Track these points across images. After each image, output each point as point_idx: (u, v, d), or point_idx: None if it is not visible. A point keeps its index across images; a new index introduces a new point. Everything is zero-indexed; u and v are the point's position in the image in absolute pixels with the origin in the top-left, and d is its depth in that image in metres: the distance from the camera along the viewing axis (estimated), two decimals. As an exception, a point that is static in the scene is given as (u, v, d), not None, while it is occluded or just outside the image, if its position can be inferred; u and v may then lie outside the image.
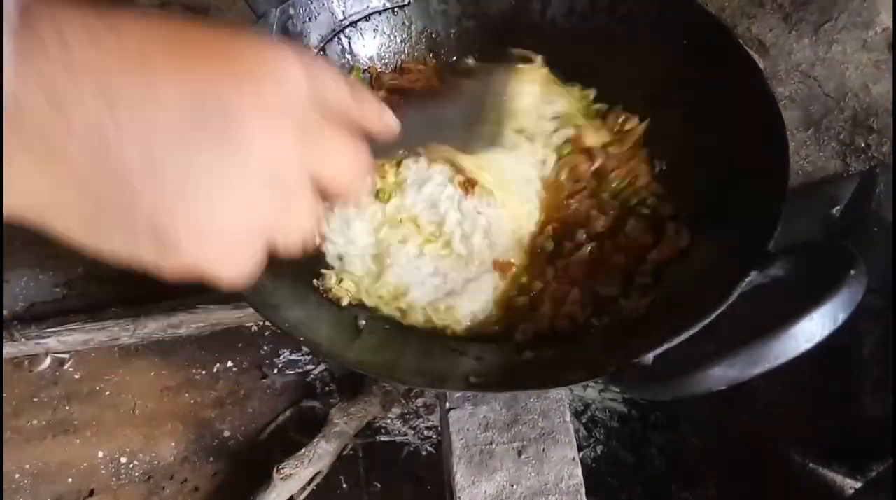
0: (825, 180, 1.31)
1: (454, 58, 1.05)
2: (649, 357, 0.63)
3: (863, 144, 1.32)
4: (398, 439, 0.98)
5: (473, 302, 0.80)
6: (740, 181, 0.80)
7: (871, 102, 1.34)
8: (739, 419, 1.02)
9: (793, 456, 0.97)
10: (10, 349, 1.02)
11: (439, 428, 0.97)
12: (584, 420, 1.02)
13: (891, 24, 1.36)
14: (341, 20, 0.98)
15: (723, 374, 0.53)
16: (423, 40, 1.04)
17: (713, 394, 0.55)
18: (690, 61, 0.91)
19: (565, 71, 1.02)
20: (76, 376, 1.05)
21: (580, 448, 0.99)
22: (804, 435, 0.98)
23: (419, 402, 0.99)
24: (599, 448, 1.00)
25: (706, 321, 0.64)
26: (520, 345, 0.77)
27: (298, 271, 0.82)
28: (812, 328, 0.52)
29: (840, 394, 0.93)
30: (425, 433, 0.98)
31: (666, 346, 0.64)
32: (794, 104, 1.38)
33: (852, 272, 0.55)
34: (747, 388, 0.59)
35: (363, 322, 0.79)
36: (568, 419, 0.80)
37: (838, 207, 1.24)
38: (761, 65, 1.34)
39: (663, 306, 0.75)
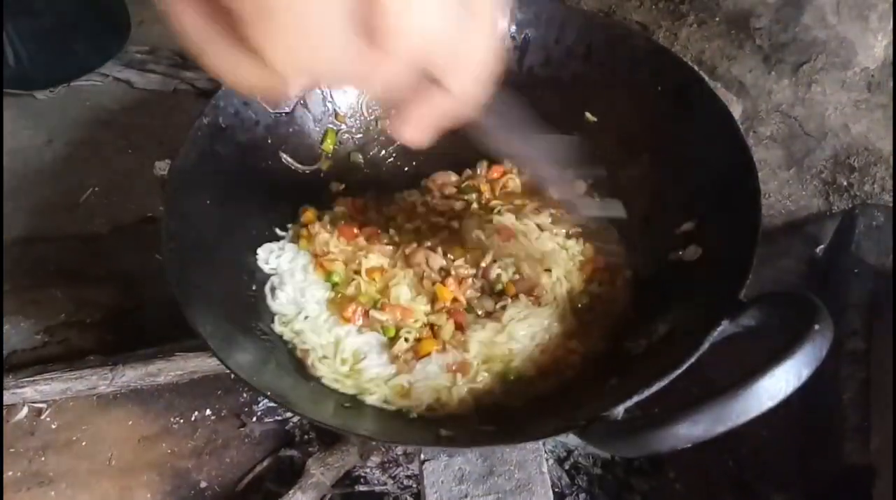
0: (808, 219, 1.32)
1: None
2: (619, 410, 0.63)
3: (845, 183, 1.33)
4: (377, 488, 0.96)
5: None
6: (713, 229, 0.80)
7: (852, 141, 1.35)
8: (724, 464, 1.00)
9: (778, 503, 0.95)
10: (-14, 400, 1.01)
11: (418, 478, 0.95)
12: (566, 467, 1.00)
13: (868, 65, 1.37)
14: (320, 70, 1.00)
15: (688, 432, 0.53)
16: (403, 88, 1.05)
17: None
18: (665, 108, 0.92)
19: (541, 119, 1.03)
20: (53, 426, 1.03)
21: (562, 497, 0.97)
22: (789, 480, 0.96)
23: (399, 450, 0.97)
24: (582, 496, 0.98)
25: (676, 373, 0.64)
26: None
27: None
28: (775, 386, 0.52)
29: (822, 440, 0.92)
30: (405, 482, 0.97)
31: (636, 398, 0.63)
32: (775, 144, 1.39)
33: (816, 327, 0.54)
34: (732, 433, 0.58)
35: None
36: (545, 469, 0.79)
37: (821, 246, 1.24)
38: (741, 106, 1.36)
39: (636, 357, 0.74)
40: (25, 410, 1.05)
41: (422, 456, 0.80)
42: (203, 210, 0.85)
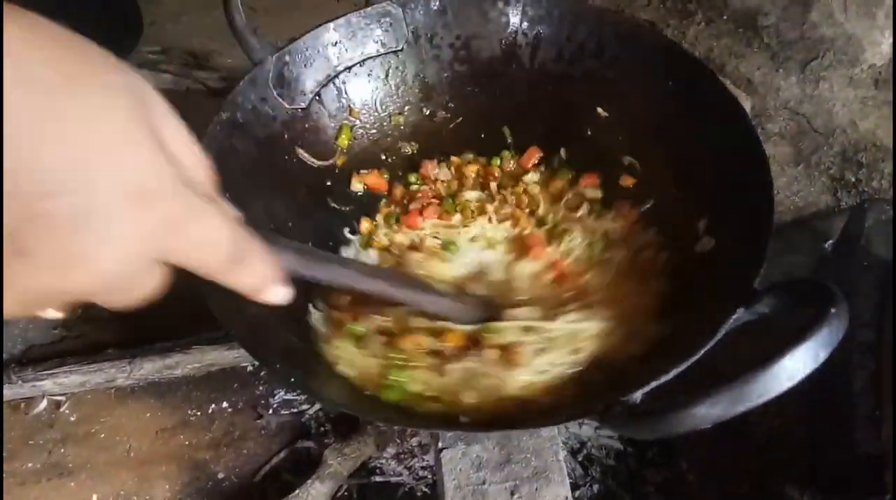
0: (817, 215, 1.33)
1: (448, 101, 1.08)
2: (637, 396, 0.64)
3: (853, 179, 1.34)
4: (393, 479, 0.97)
5: None
6: (726, 221, 0.81)
7: (860, 137, 1.36)
8: (736, 455, 1.01)
9: (790, 492, 0.96)
10: (6, 392, 1.02)
11: (434, 468, 0.96)
12: (579, 458, 1.01)
13: (876, 62, 1.39)
14: (336, 66, 1.01)
15: (707, 412, 0.53)
16: (416, 84, 1.06)
17: (709, 430, 0.55)
18: (676, 103, 0.93)
19: (554, 114, 1.04)
20: (72, 419, 1.05)
21: (576, 487, 0.98)
22: (802, 470, 0.97)
23: (414, 441, 0.98)
24: (595, 487, 0.99)
25: (694, 359, 0.65)
26: None
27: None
28: (794, 367, 0.52)
29: (834, 430, 0.93)
30: (420, 472, 0.98)
31: (654, 384, 0.64)
32: (783, 140, 1.40)
33: (833, 310, 0.55)
34: (744, 423, 0.59)
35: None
36: (561, 457, 0.80)
37: (830, 242, 1.25)
38: (749, 103, 1.37)
39: (652, 344, 0.75)
40: (45, 402, 1.06)
41: (439, 444, 0.81)
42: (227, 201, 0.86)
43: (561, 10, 1.02)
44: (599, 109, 1.02)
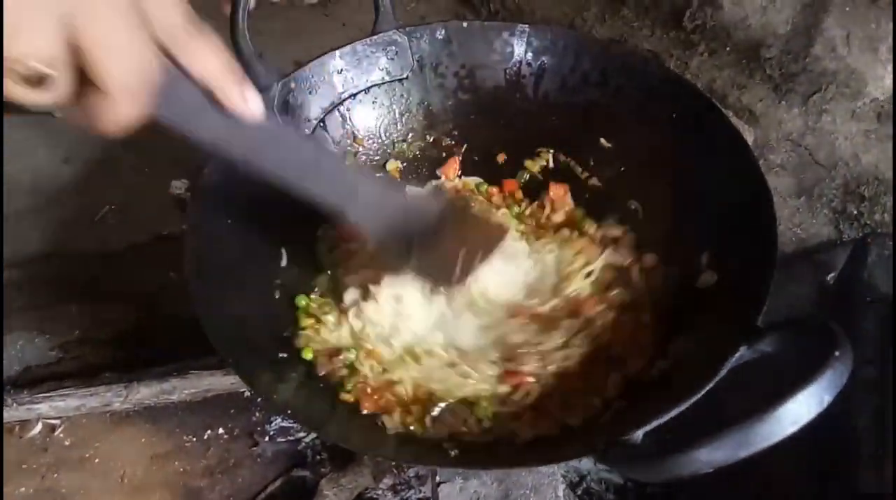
0: (819, 248, 1.32)
1: (452, 129, 1.08)
2: (639, 434, 0.63)
3: (855, 212, 1.34)
4: (389, 511, 0.96)
5: None
6: (729, 255, 0.81)
7: (862, 170, 1.37)
8: (739, 492, 1.00)
9: (793, 531, 0.95)
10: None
11: (431, 500, 0.95)
12: (578, 492, 0.99)
13: (878, 96, 1.39)
14: (341, 93, 1.02)
15: (709, 457, 0.53)
16: (421, 112, 1.07)
17: (711, 468, 0.55)
18: (679, 135, 0.94)
19: (557, 144, 1.05)
20: (66, 443, 1.04)
21: (575, 522, 0.97)
22: (805, 509, 0.96)
23: (411, 472, 0.97)
24: (595, 522, 0.98)
25: (695, 398, 0.65)
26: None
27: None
28: (798, 411, 0.52)
29: (837, 469, 0.91)
30: (417, 505, 0.97)
31: (655, 423, 0.63)
32: (785, 172, 1.40)
33: (837, 353, 0.55)
34: (746, 460, 0.59)
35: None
36: (560, 493, 0.79)
37: (832, 275, 1.24)
38: (752, 134, 1.38)
39: (654, 383, 0.75)
40: (39, 426, 1.05)
41: (437, 479, 0.80)
42: (225, 228, 0.86)
43: (565, 41, 1.03)
44: (602, 140, 1.02)
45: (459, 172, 1.07)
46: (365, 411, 0.79)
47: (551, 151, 1.05)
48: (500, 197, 1.05)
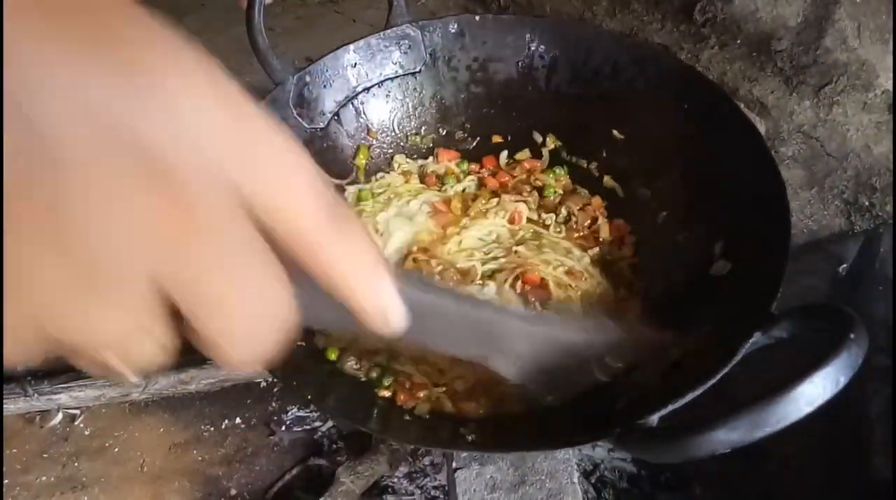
0: (831, 239, 1.33)
1: (465, 122, 1.09)
2: (654, 419, 0.64)
3: (866, 203, 1.34)
4: (405, 498, 0.97)
5: None
6: (742, 244, 0.82)
7: (874, 162, 1.36)
8: (751, 479, 1.00)
9: (806, 519, 0.95)
10: (22, 405, 1.03)
11: (446, 488, 0.96)
12: (592, 481, 1.00)
13: (889, 87, 1.39)
14: (355, 87, 1.03)
15: (726, 437, 0.53)
16: (434, 105, 1.08)
17: (724, 454, 0.55)
18: (691, 127, 0.94)
19: (569, 135, 1.05)
20: (86, 433, 1.05)
21: (589, 510, 0.98)
22: (817, 496, 0.96)
23: (426, 460, 0.98)
24: (609, 510, 0.99)
25: (711, 383, 0.65)
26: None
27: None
28: (813, 392, 0.53)
29: (849, 456, 0.92)
30: (432, 492, 0.98)
31: (671, 407, 0.64)
32: (797, 164, 1.40)
33: (852, 336, 0.55)
34: (759, 448, 0.59)
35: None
36: (576, 479, 0.80)
37: (844, 266, 1.24)
38: (763, 126, 1.38)
39: (669, 368, 0.75)
40: (60, 416, 1.07)
41: (453, 465, 0.81)
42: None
43: (577, 34, 1.03)
44: (615, 132, 1.02)
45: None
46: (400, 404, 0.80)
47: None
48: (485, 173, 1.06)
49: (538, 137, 1.07)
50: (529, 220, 0.99)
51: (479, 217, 0.97)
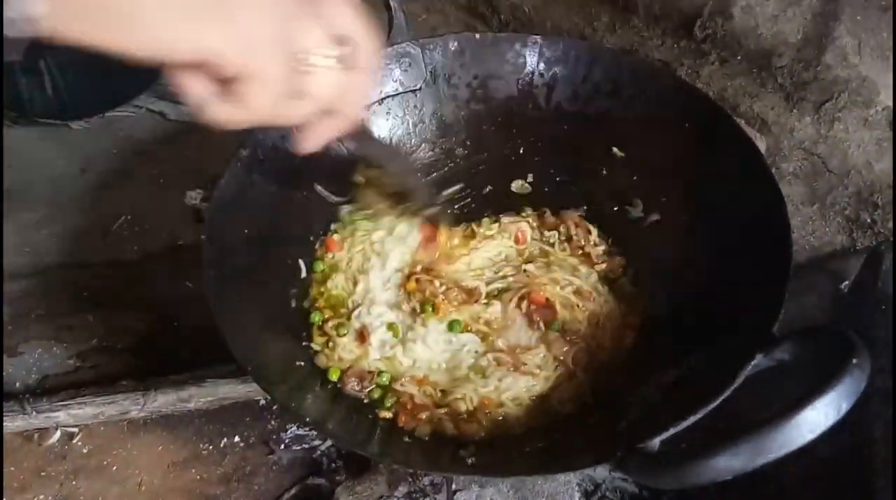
0: (832, 256, 1.32)
1: (465, 139, 1.09)
2: (656, 443, 0.63)
3: (868, 220, 1.33)
4: (404, 519, 0.96)
5: None
6: (743, 264, 0.81)
7: (875, 178, 1.36)
8: (753, 501, 1.00)
9: (809, 541, 0.94)
10: (20, 423, 1.03)
11: (446, 508, 0.95)
12: (593, 501, 1.00)
13: (890, 104, 1.39)
14: (355, 104, 1.02)
15: (727, 464, 0.53)
16: (434, 122, 1.08)
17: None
18: (692, 144, 0.94)
19: (569, 153, 1.05)
20: (84, 451, 1.05)
21: (590, 531, 0.97)
22: (819, 519, 0.95)
23: (426, 480, 0.97)
24: (610, 530, 0.98)
25: (712, 406, 0.65)
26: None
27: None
28: (816, 418, 0.52)
29: (850, 478, 0.91)
30: (432, 512, 0.97)
31: (672, 430, 0.64)
32: (798, 180, 1.40)
33: (854, 361, 0.55)
34: (760, 470, 0.59)
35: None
36: (576, 502, 0.79)
37: (846, 283, 1.24)
38: (764, 142, 1.38)
39: (671, 390, 0.75)
40: (58, 434, 1.06)
41: (453, 486, 0.80)
42: (241, 239, 0.87)
43: (577, 51, 1.03)
44: (615, 149, 1.03)
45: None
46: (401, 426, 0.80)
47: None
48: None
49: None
50: (534, 238, 0.99)
51: (486, 240, 0.97)
